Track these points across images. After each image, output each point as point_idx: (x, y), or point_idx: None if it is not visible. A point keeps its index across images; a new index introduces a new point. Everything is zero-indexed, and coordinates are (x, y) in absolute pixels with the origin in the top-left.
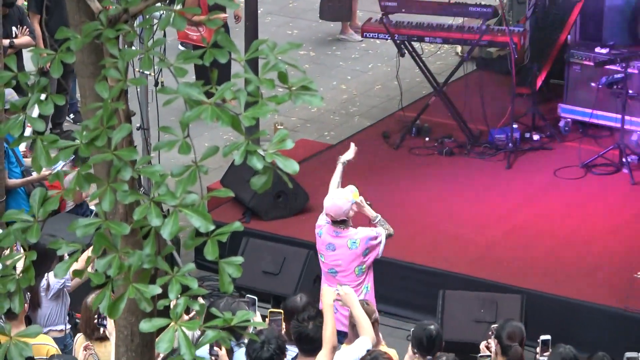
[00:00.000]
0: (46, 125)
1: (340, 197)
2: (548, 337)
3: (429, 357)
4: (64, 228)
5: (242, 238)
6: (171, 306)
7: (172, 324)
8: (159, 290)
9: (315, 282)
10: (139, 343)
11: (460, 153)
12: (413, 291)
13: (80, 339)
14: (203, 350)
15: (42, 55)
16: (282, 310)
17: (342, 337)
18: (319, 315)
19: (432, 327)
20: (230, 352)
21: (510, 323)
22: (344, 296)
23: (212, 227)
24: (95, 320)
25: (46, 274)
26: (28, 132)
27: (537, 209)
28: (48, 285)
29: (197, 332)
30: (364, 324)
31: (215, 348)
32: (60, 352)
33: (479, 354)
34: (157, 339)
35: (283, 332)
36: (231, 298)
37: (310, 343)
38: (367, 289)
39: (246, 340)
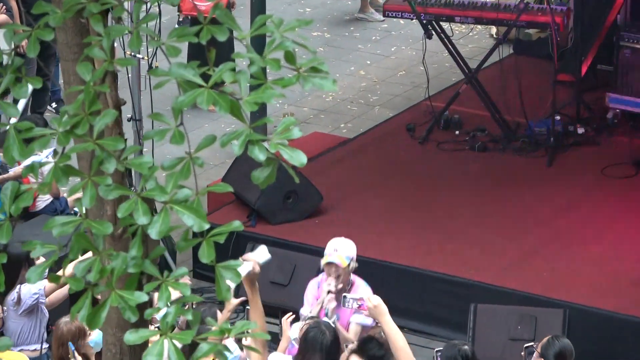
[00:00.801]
0: (25, 114)
1: None
2: None
3: None
4: (40, 234)
5: (247, 244)
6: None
7: (162, 335)
8: (146, 298)
9: (329, 292)
10: None
11: (495, 148)
12: (440, 305)
13: None
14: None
15: (18, 32)
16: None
17: None
18: (387, 354)
19: (466, 347)
20: None
21: (560, 340)
22: (373, 309)
23: (207, 226)
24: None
25: (18, 287)
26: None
27: (582, 213)
28: (19, 298)
29: None
30: (401, 344)
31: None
32: None
33: None
34: (144, 353)
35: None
36: (215, 308)
37: None
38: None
39: None
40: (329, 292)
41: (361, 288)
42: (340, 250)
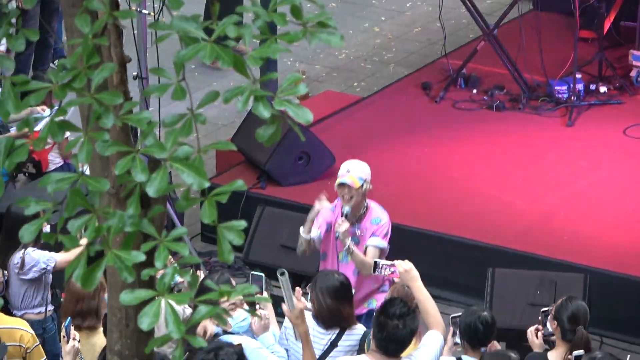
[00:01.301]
0: (27, 72)
1: None
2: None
3: (483, 348)
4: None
5: (257, 207)
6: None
7: (159, 296)
8: (143, 258)
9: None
10: (134, 328)
11: (514, 107)
12: (456, 269)
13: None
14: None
15: None
16: (263, 274)
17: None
18: (410, 312)
19: (485, 313)
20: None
21: (573, 302)
22: (404, 274)
23: (207, 185)
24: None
25: (23, 250)
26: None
27: (603, 174)
28: (23, 263)
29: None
30: (432, 310)
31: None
32: (36, 337)
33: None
34: (139, 314)
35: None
36: (228, 274)
37: (400, 344)
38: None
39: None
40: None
41: (376, 211)
42: (353, 170)
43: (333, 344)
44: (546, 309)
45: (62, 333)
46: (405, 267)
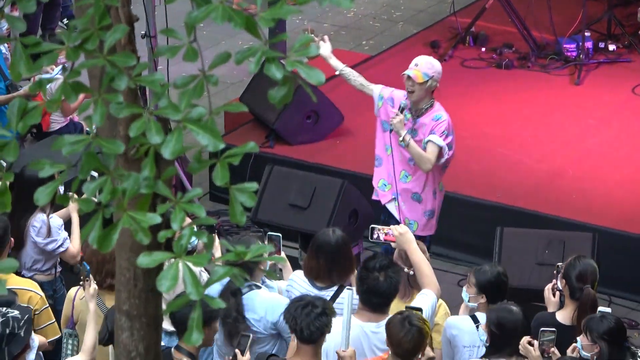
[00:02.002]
0: (35, 31)
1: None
2: (609, 310)
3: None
4: (52, 154)
5: (265, 166)
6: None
7: (176, 258)
8: (159, 220)
9: (351, 217)
10: (142, 288)
11: (522, 66)
12: (464, 229)
13: (79, 293)
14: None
15: None
16: (280, 234)
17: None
18: (390, 265)
19: (499, 268)
20: (238, 293)
21: (582, 261)
22: (399, 237)
23: (222, 146)
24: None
25: (46, 215)
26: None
27: (612, 133)
28: (49, 229)
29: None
30: (427, 271)
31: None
32: (46, 299)
33: (543, 330)
34: (158, 277)
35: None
36: (254, 237)
37: (382, 296)
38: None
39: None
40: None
41: (438, 109)
42: (421, 65)
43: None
44: (561, 264)
45: (84, 277)
46: (400, 231)
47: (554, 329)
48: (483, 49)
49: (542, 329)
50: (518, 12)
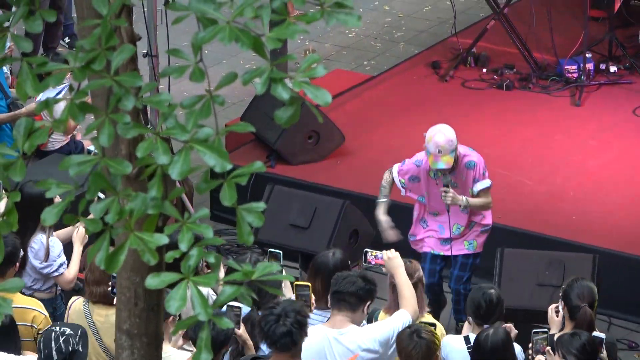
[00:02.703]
0: (37, 50)
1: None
2: (603, 336)
3: (485, 325)
4: (54, 173)
5: (266, 185)
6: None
7: (184, 279)
8: (166, 240)
9: (351, 237)
10: (144, 307)
11: (523, 87)
12: None
13: (76, 304)
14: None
15: None
16: (309, 284)
17: None
18: (366, 279)
19: (492, 291)
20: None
21: (580, 282)
22: (388, 261)
23: (230, 167)
24: (109, 288)
25: (46, 236)
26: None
27: (613, 154)
28: (48, 252)
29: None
30: (407, 294)
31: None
32: (50, 319)
33: (535, 330)
34: (166, 298)
35: (313, 307)
36: (256, 254)
37: (352, 295)
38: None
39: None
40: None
41: (466, 155)
42: (444, 148)
43: None
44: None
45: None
46: (389, 255)
47: (546, 329)
48: (484, 70)
49: (534, 330)
50: (519, 33)
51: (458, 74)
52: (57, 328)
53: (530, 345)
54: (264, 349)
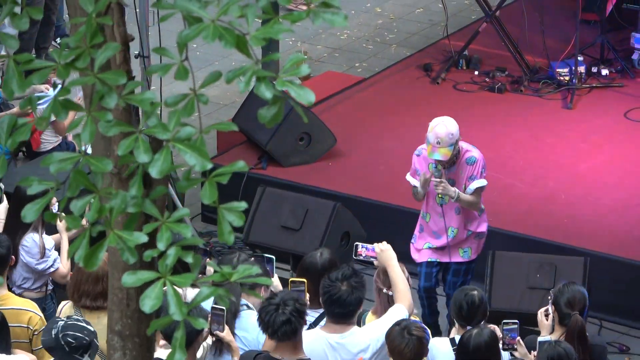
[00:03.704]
0: (30, 50)
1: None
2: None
3: (469, 327)
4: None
5: (257, 187)
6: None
7: (161, 278)
8: (145, 239)
9: (342, 239)
10: (135, 308)
11: (515, 89)
12: None
13: (66, 307)
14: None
15: None
16: (304, 280)
17: None
18: (354, 274)
19: (474, 292)
20: (232, 316)
21: (570, 287)
22: (381, 253)
23: (210, 166)
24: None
25: (39, 235)
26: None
27: (604, 157)
28: (43, 251)
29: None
30: (402, 287)
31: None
32: (45, 320)
33: (505, 321)
34: (141, 296)
35: (308, 303)
36: (245, 254)
37: (343, 306)
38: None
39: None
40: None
41: (468, 151)
42: (443, 141)
43: (312, 326)
44: (554, 289)
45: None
46: (382, 248)
47: (516, 320)
48: (476, 73)
49: (504, 320)
50: (511, 35)
51: (450, 76)
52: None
53: (500, 336)
54: None
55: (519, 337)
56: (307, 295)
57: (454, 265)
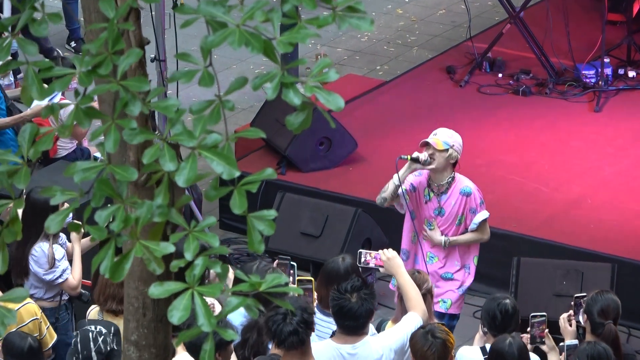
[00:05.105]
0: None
1: None
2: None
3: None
4: (59, 180)
5: (276, 193)
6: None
7: (189, 288)
8: (173, 249)
9: (364, 246)
10: (152, 317)
11: (540, 92)
12: (479, 258)
13: (92, 313)
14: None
15: None
16: (312, 278)
17: None
18: (364, 286)
19: (507, 300)
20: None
21: (604, 296)
22: (387, 262)
23: (238, 174)
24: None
25: (48, 244)
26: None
27: (630, 161)
28: (53, 261)
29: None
30: (413, 294)
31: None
32: (48, 323)
33: (533, 314)
34: (169, 307)
35: (315, 303)
36: (265, 261)
37: (354, 319)
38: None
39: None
40: (412, 159)
41: (462, 181)
42: (440, 134)
43: (334, 334)
44: (579, 295)
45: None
46: (388, 256)
47: (544, 313)
48: (500, 75)
49: (532, 314)
50: (535, 37)
51: (473, 79)
52: (93, 328)
53: (528, 329)
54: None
55: (547, 330)
56: (315, 294)
57: (435, 314)
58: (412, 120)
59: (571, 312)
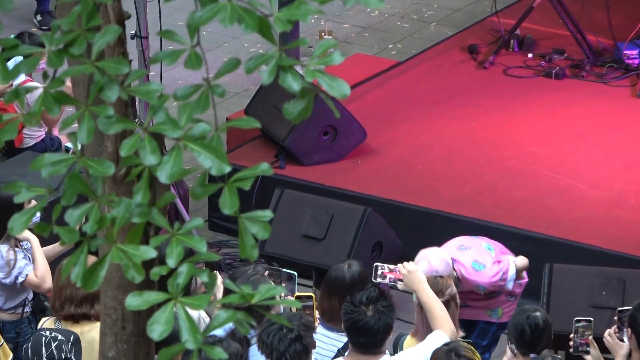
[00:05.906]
0: None
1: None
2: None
3: (532, 355)
4: (26, 174)
5: (274, 189)
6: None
7: (171, 299)
8: (154, 254)
9: (374, 250)
10: (132, 331)
11: (575, 75)
12: None
13: (47, 324)
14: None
15: None
16: (312, 295)
17: None
18: (381, 297)
19: (537, 313)
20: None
21: None
22: (407, 275)
23: (229, 169)
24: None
25: (8, 247)
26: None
27: None
28: (13, 264)
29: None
30: (439, 312)
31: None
32: (2, 340)
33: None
34: (149, 321)
35: (317, 322)
36: (261, 265)
37: (370, 335)
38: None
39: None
40: None
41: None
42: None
43: (340, 352)
44: (623, 308)
45: None
46: (409, 269)
47: (589, 318)
48: (530, 55)
49: (576, 318)
50: (570, 12)
51: (499, 59)
52: (48, 333)
53: (571, 335)
54: None
55: (592, 337)
56: (316, 312)
57: (482, 323)
58: (429, 106)
59: (615, 326)
